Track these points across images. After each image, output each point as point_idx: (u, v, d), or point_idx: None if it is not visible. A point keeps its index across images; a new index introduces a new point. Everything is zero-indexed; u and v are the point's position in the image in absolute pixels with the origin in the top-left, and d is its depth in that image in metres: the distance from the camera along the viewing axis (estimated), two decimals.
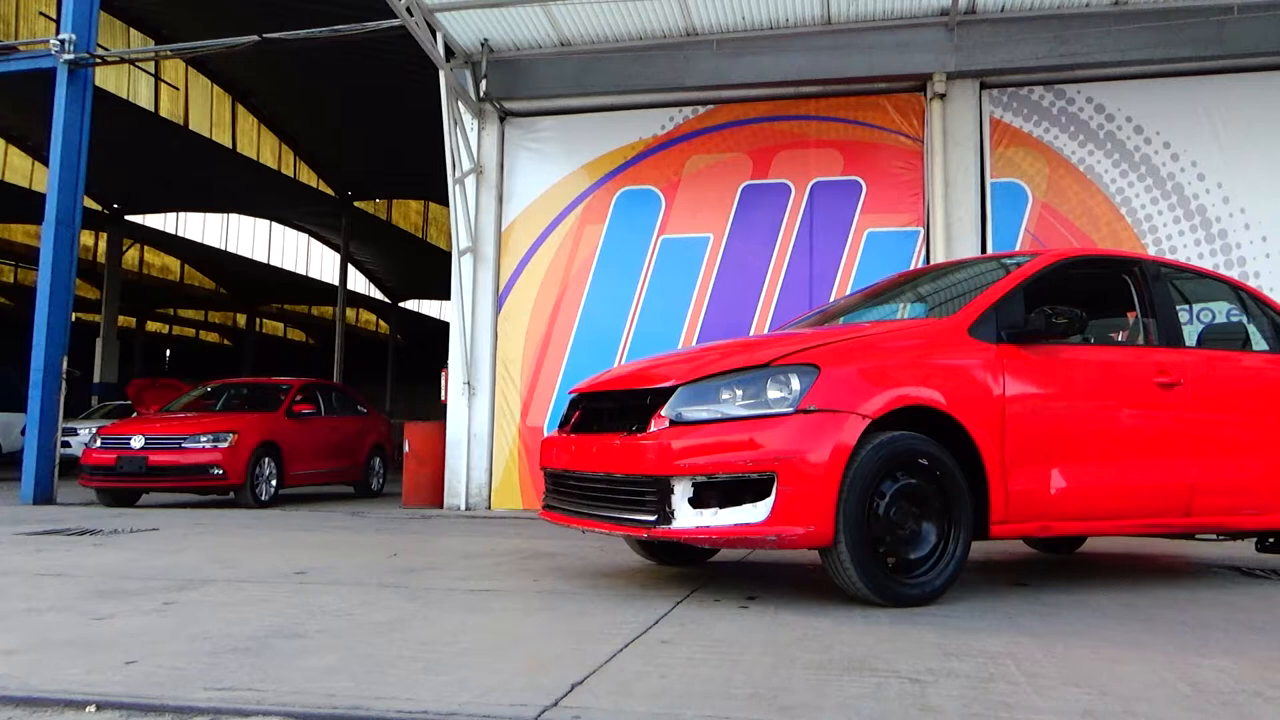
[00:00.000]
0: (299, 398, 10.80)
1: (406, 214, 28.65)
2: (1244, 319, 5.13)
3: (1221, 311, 5.39)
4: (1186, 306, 5.12)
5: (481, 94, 9.25)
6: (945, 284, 5.00)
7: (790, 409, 3.51)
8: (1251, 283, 7.64)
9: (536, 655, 2.81)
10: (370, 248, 30.03)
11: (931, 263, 8.26)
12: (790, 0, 8.35)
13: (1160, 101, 8.42)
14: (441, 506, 9.22)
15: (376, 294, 36.20)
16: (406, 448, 9.79)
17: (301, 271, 31.09)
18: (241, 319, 38.25)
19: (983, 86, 8.68)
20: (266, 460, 9.79)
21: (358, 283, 33.41)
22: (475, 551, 5.53)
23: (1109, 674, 2.66)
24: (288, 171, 22.55)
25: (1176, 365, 4.41)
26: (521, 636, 3.15)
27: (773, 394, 3.57)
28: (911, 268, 8.32)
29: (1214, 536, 5.26)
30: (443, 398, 9.43)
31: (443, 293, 22.01)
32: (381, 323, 39.94)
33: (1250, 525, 4.67)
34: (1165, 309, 4.63)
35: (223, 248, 27.80)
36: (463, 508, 9.08)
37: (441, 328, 22.95)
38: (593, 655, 2.74)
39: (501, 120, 9.58)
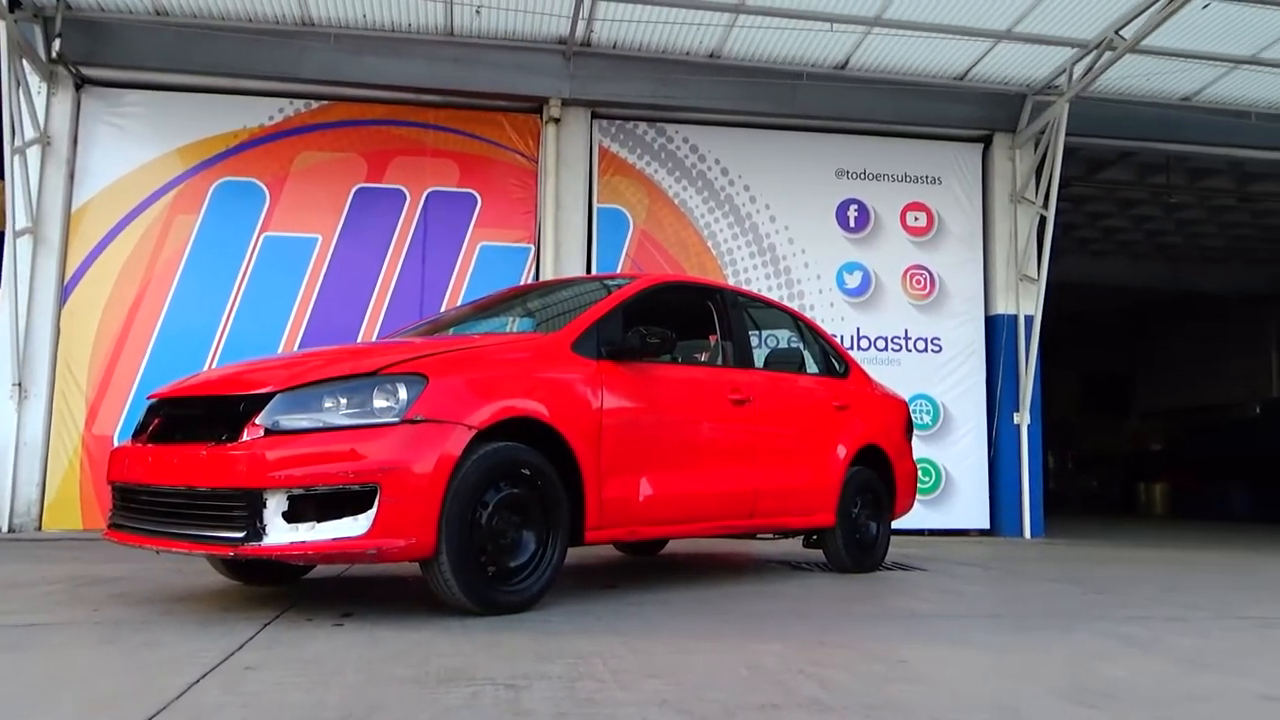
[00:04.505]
0: None
1: None
2: (801, 345, 5.94)
3: (784, 338, 6.17)
4: (757, 331, 5.79)
5: (54, 55, 8.05)
6: (552, 300, 5.23)
7: (396, 419, 3.45)
8: (808, 314, 8.81)
9: (94, 695, 2.48)
10: None
11: (540, 279, 8.57)
12: (414, 5, 8.25)
13: (744, 148, 9.46)
14: None
15: None
16: None
17: None
18: None
19: (594, 116, 9.19)
20: None
21: None
22: (20, 580, 4.76)
23: (683, 664, 2.92)
24: None
25: (747, 384, 4.98)
26: (76, 675, 2.76)
27: (379, 403, 3.48)
28: (521, 283, 8.57)
29: (771, 535, 5.99)
30: None
31: None
32: None
33: (799, 524, 5.41)
34: (740, 333, 5.22)
35: None
36: (5, 529, 7.79)
37: None
38: (164, 689, 2.47)
39: (78, 88, 8.41)
